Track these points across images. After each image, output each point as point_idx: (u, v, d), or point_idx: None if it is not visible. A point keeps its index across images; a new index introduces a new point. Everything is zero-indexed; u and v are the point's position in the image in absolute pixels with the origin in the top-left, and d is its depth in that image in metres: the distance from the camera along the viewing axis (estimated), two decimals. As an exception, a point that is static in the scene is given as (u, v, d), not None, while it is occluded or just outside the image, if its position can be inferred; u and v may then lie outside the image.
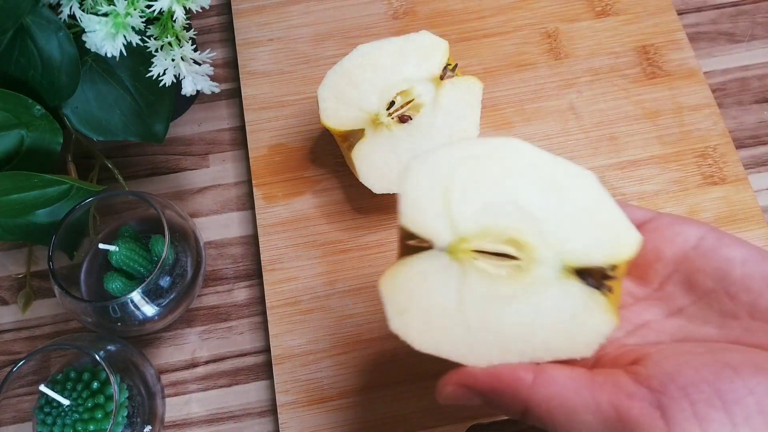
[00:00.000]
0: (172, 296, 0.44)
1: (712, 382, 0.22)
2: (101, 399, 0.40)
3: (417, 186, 0.27)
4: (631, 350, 0.27)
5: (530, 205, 0.27)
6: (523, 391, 0.25)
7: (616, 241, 0.26)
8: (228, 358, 0.48)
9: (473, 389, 0.26)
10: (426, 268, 0.27)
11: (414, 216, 0.27)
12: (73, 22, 0.42)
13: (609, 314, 0.26)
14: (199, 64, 0.44)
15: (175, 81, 0.44)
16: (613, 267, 0.26)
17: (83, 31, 0.41)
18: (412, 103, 0.47)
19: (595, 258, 0.26)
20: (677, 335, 0.27)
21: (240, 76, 0.55)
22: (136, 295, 0.41)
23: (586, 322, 0.26)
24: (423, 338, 0.27)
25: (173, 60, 0.43)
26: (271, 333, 0.47)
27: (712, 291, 0.27)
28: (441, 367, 0.45)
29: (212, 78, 0.45)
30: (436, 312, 0.27)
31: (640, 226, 0.29)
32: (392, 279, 0.27)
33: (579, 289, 0.26)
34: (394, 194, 0.50)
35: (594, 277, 0.26)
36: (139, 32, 0.41)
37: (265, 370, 0.47)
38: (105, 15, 0.40)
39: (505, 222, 0.27)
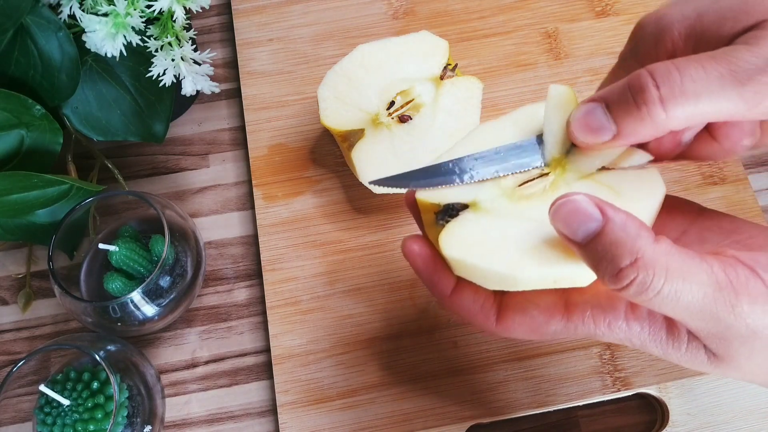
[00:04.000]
0: (172, 296, 0.44)
1: None
2: (101, 399, 0.40)
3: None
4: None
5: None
6: (648, 241, 0.25)
7: None
8: (228, 358, 0.48)
9: (603, 211, 0.25)
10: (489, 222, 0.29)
11: (445, 192, 0.30)
12: (73, 22, 0.42)
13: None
14: (199, 64, 0.44)
15: (175, 81, 0.44)
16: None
17: (83, 31, 0.41)
18: (412, 103, 0.47)
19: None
20: None
21: (240, 76, 0.55)
22: (136, 295, 0.41)
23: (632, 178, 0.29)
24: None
25: (173, 60, 0.43)
26: (271, 333, 0.47)
27: (725, 242, 0.29)
28: (440, 366, 0.45)
29: (212, 78, 0.45)
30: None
31: None
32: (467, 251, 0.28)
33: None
34: (394, 194, 0.50)
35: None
36: (139, 32, 0.41)
37: (265, 370, 0.47)
38: (105, 15, 0.40)
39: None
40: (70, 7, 0.42)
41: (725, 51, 0.25)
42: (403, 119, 0.46)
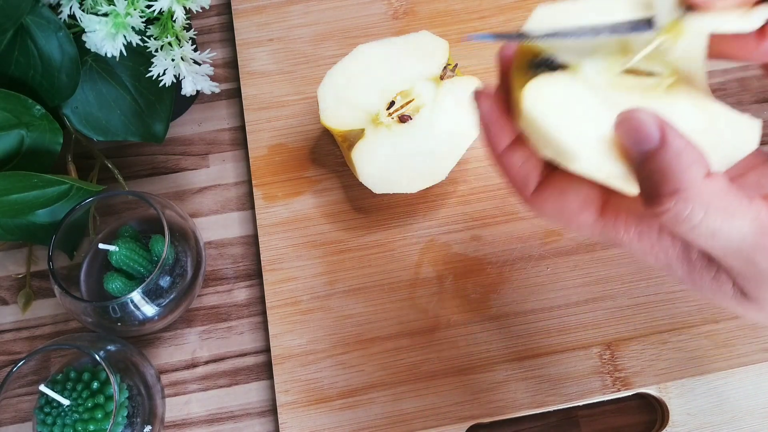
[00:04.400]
0: (172, 296, 0.44)
1: None
2: (101, 399, 0.40)
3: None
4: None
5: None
6: (696, 178, 0.24)
7: None
8: (228, 358, 0.48)
9: (664, 130, 0.25)
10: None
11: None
12: (73, 22, 0.42)
13: None
14: (199, 64, 0.44)
15: (175, 81, 0.44)
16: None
17: (83, 31, 0.41)
18: (412, 102, 0.47)
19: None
20: None
21: (240, 76, 0.55)
22: (136, 295, 0.41)
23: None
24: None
25: (173, 60, 0.43)
26: (271, 333, 0.47)
27: None
28: (440, 366, 0.45)
29: (212, 78, 0.45)
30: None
31: None
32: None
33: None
34: (394, 194, 0.50)
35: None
36: (139, 32, 0.41)
37: (265, 370, 0.47)
38: (105, 15, 0.40)
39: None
40: (70, 7, 0.42)
41: None
42: (403, 119, 0.46)
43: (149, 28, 0.42)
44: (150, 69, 0.43)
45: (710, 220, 0.24)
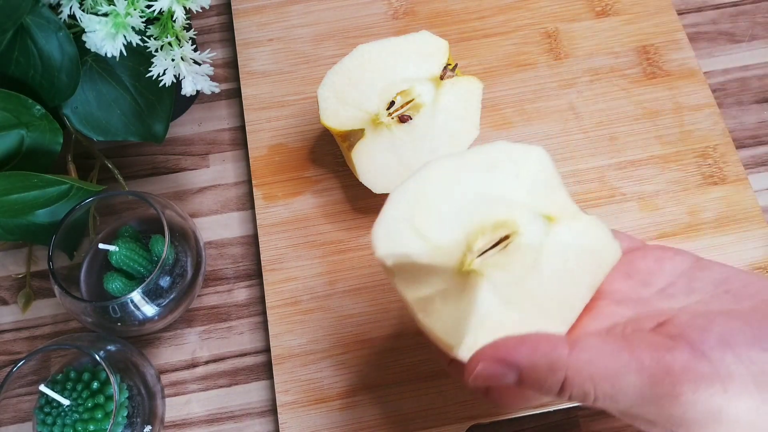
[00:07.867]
0: (172, 296, 0.44)
1: (748, 328, 0.24)
2: (101, 399, 0.40)
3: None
4: (647, 316, 0.27)
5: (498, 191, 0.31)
6: (562, 360, 0.24)
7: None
8: (228, 358, 0.48)
9: (509, 363, 0.25)
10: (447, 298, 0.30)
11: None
12: (73, 22, 0.42)
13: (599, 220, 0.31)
14: (199, 64, 0.44)
15: (175, 81, 0.44)
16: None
17: (83, 31, 0.41)
18: (412, 103, 0.47)
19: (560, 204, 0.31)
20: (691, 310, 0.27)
21: (240, 76, 0.55)
22: (136, 295, 0.41)
23: (597, 236, 0.30)
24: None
25: (173, 60, 0.43)
26: (271, 333, 0.47)
27: (714, 293, 0.28)
28: (440, 366, 0.45)
29: (212, 78, 0.45)
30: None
31: (629, 252, 0.32)
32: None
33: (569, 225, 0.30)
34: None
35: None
36: (139, 32, 0.41)
37: (265, 370, 0.47)
38: (105, 15, 0.40)
39: (485, 214, 0.31)
40: (70, 7, 0.42)
41: None
42: (403, 119, 0.46)
43: (149, 28, 0.42)
44: (150, 69, 0.43)
45: (602, 390, 0.24)
